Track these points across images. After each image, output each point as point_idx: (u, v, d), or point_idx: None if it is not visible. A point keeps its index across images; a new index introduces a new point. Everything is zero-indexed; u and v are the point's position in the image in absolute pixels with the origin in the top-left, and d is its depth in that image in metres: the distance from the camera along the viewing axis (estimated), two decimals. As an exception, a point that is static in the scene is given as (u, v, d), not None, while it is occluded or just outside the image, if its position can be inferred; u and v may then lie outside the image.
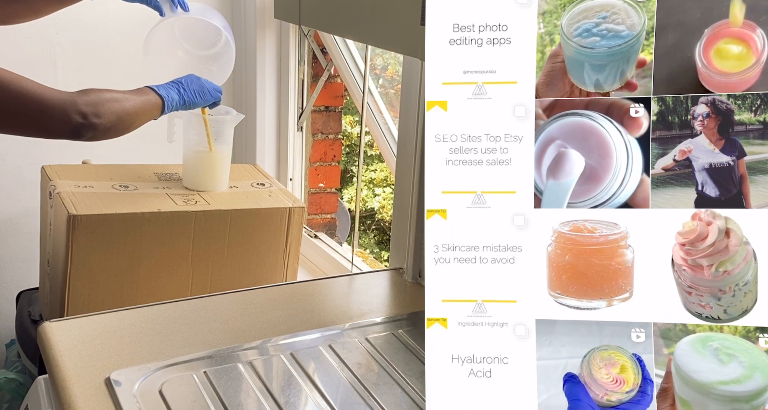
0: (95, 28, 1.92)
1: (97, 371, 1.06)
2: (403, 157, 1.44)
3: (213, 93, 1.43)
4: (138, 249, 1.42)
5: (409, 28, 1.19)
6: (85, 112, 1.20)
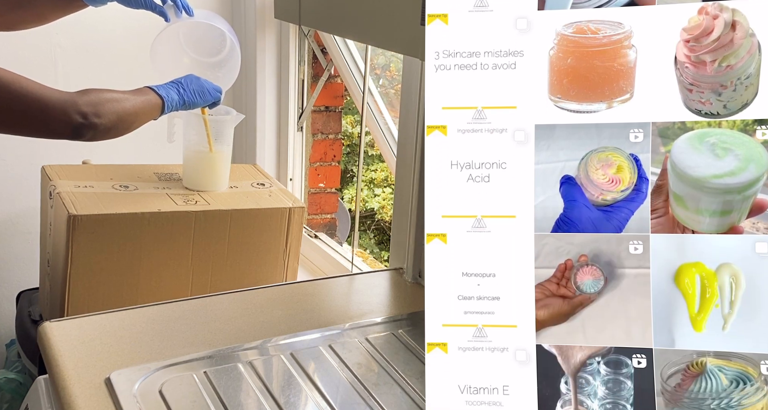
0: (95, 28, 1.92)
1: (97, 371, 1.05)
2: (403, 157, 1.44)
3: (213, 93, 1.43)
4: (138, 249, 1.42)
5: (409, 28, 1.19)
6: (85, 112, 1.20)
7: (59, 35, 1.88)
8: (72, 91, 1.23)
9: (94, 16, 1.91)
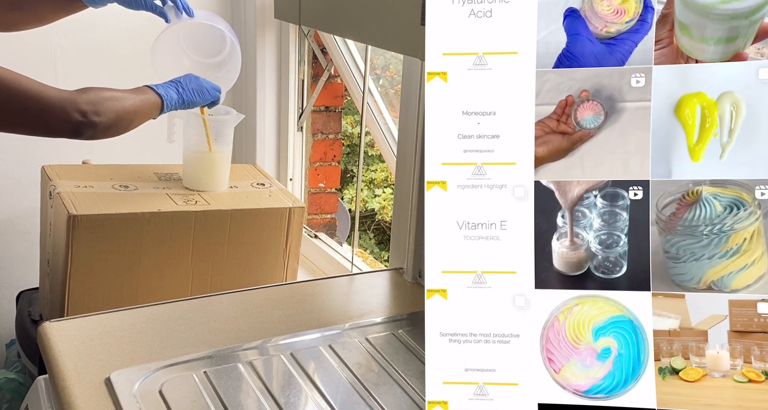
0: (95, 28, 1.92)
1: (97, 371, 1.05)
2: (403, 157, 1.44)
3: (212, 92, 1.43)
4: (138, 249, 1.42)
5: (409, 28, 1.19)
6: (85, 111, 1.20)
7: (59, 35, 1.88)
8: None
9: (94, 16, 1.90)
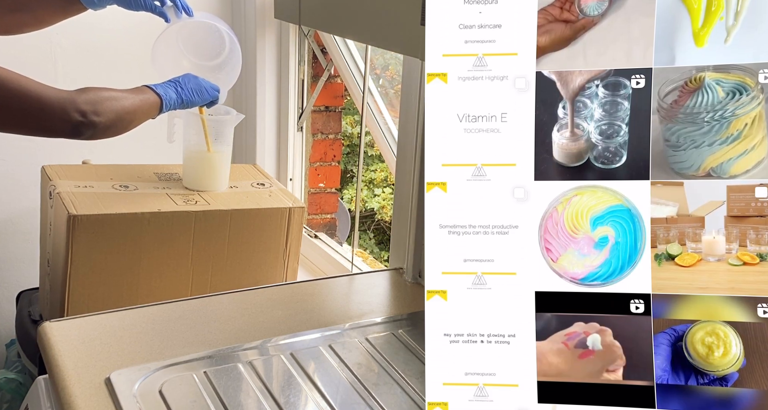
0: (95, 28, 1.92)
1: (97, 371, 1.05)
2: (403, 157, 1.44)
3: (210, 92, 1.44)
4: (138, 249, 1.42)
5: (409, 28, 1.19)
6: (84, 111, 1.21)
7: (59, 35, 1.88)
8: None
9: (94, 16, 1.90)
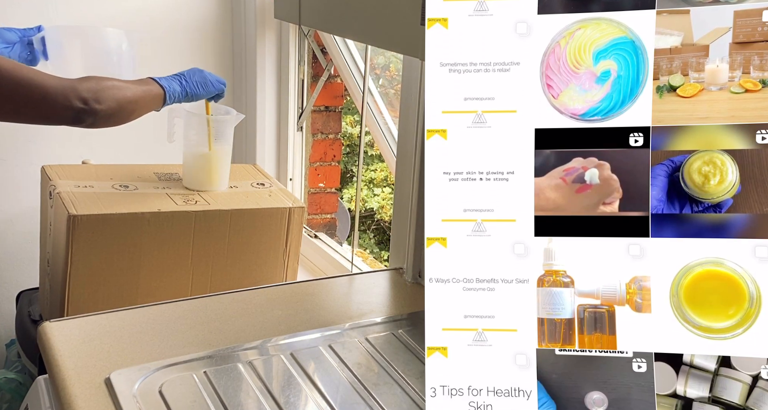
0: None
1: (97, 371, 1.06)
2: (403, 157, 1.44)
3: (216, 85, 1.44)
4: (138, 249, 1.42)
5: (409, 28, 1.19)
6: (86, 98, 1.21)
7: (59, 35, 1.88)
8: None
9: (94, 16, 1.91)
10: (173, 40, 2.01)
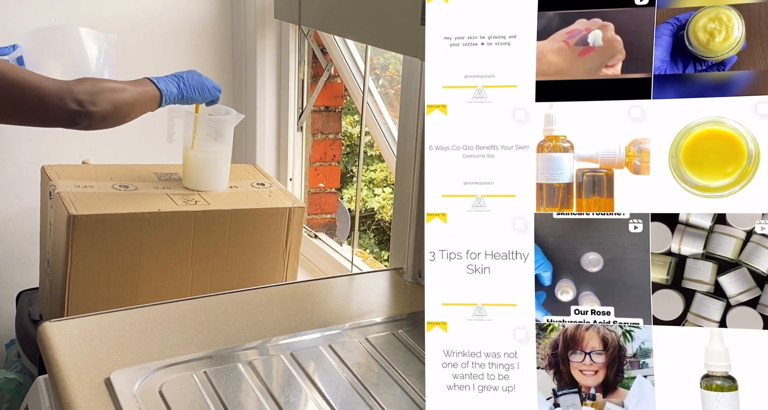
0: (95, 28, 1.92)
1: (97, 371, 1.06)
2: (403, 157, 1.44)
3: (212, 91, 1.44)
4: (138, 249, 1.42)
5: (409, 28, 1.19)
6: (81, 100, 1.21)
7: (59, 35, 1.88)
8: None
9: (94, 16, 1.91)
10: (173, 40, 2.01)
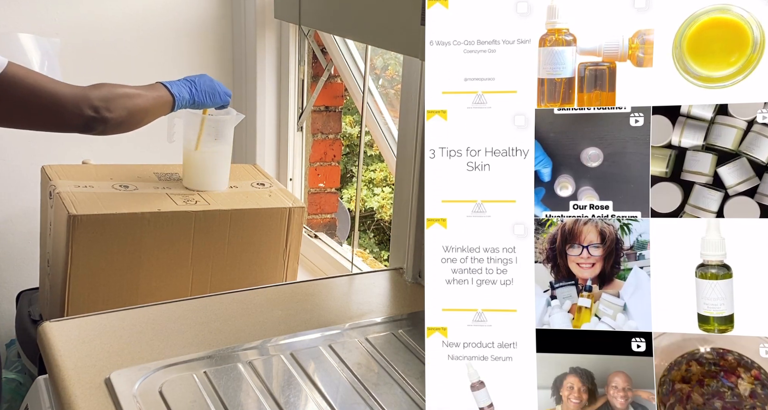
0: (95, 28, 1.92)
1: (97, 371, 1.06)
2: (403, 157, 1.44)
3: (223, 96, 1.46)
4: (138, 249, 1.42)
5: (409, 28, 1.19)
6: (97, 106, 1.22)
7: (59, 35, 1.88)
8: None
9: (94, 16, 1.91)
10: (173, 40, 2.01)
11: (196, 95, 1.40)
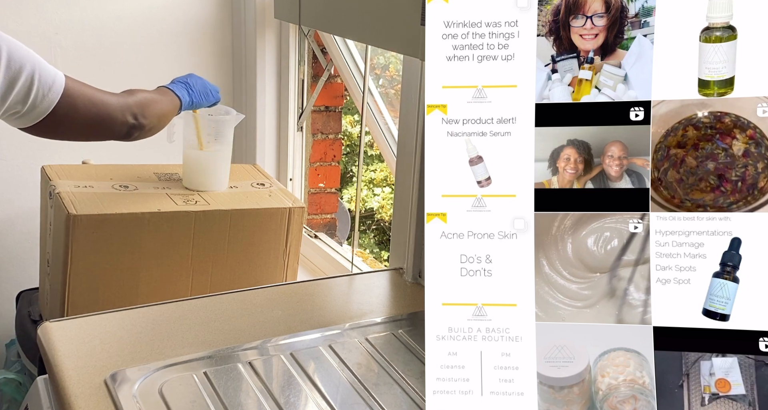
0: (95, 28, 1.92)
1: (97, 371, 1.06)
2: (403, 157, 1.44)
3: (214, 94, 1.47)
4: (138, 249, 1.42)
5: (409, 28, 1.19)
6: (135, 113, 1.26)
7: (59, 35, 1.88)
8: None
9: (95, 16, 1.91)
10: (173, 40, 2.01)
11: (193, 96, 1.41)
